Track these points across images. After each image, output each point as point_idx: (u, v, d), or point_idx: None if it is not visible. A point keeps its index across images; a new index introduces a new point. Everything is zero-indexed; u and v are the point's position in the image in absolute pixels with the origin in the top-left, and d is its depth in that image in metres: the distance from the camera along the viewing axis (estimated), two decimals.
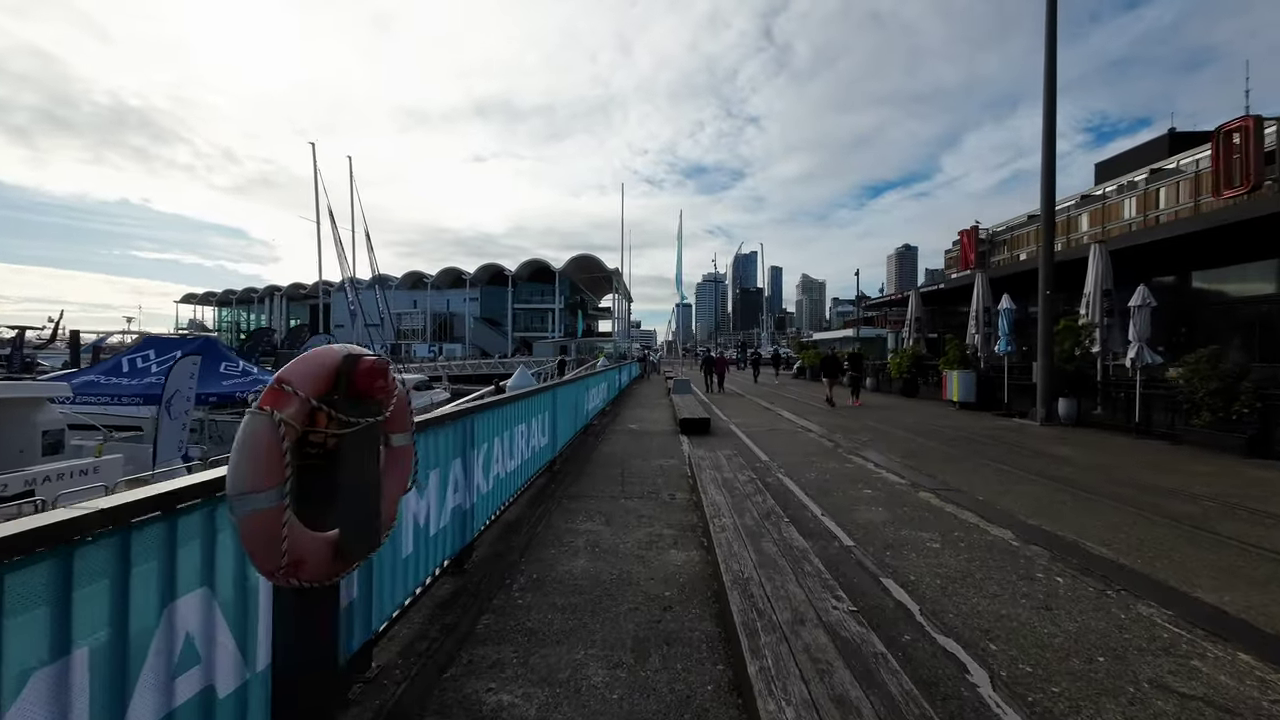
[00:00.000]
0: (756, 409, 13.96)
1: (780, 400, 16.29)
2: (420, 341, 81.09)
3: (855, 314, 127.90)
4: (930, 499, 5.35)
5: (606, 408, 13.51)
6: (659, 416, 12.44)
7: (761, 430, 10.13)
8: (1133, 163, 70.93)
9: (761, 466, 6.90)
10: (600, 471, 6.67)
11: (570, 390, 7.84)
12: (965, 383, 13.57)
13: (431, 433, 3.13)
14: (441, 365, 55.40)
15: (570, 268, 76.50)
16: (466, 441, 3.67)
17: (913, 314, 21.24)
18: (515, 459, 4.88)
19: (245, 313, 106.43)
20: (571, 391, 7.94)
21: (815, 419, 11.71)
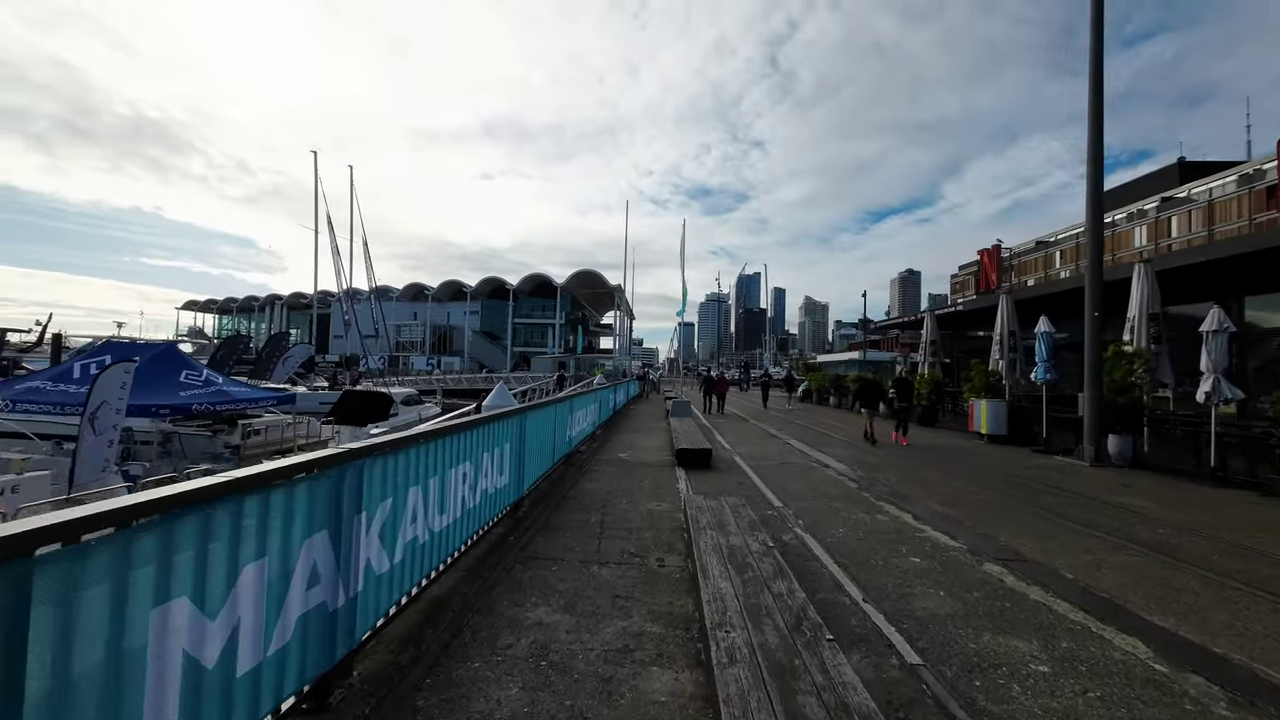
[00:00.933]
0: (763, 436, 12.65)
1: (790, 427, 14.97)
2: (419, 354, 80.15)
3: (859, 337, 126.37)
4: (1003, 576, 4.03)
5: (597, 431, 12.23)
6: (654, 443, 11.13)
7: (771, 465, 8.81)
8: (1141, 192, 70.41)
9: (775, 518, 5.59)
10: (575, 518, 5.37)
11: (546, 415, 6.58)
12: (996, 413, 12.25)
13: (257, 499, 1.88)
14: (436, 379, 54.20)
15: (572, 283, 75.76)
16: (345, 503, 2.41)
17: (928, 337, 20.02)
18: (450, 513, 3.62)
19: (246, 321, 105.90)
20: (547, 416, 6.68)
21: (831, 451, 10.39)
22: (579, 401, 9.36)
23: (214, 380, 13.77)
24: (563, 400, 7.72)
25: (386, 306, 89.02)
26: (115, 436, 9.83)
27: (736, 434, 12.98)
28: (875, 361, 39.18)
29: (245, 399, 13.93)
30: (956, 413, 16.65)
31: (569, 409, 8.23)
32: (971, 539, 4.92)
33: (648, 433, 12.98)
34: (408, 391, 30.13)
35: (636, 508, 5.82)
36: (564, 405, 7.86)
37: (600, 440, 11.31)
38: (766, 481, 7.36)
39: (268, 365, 20.62)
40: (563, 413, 7.75)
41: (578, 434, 9.35)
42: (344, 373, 41.84)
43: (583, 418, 9.83)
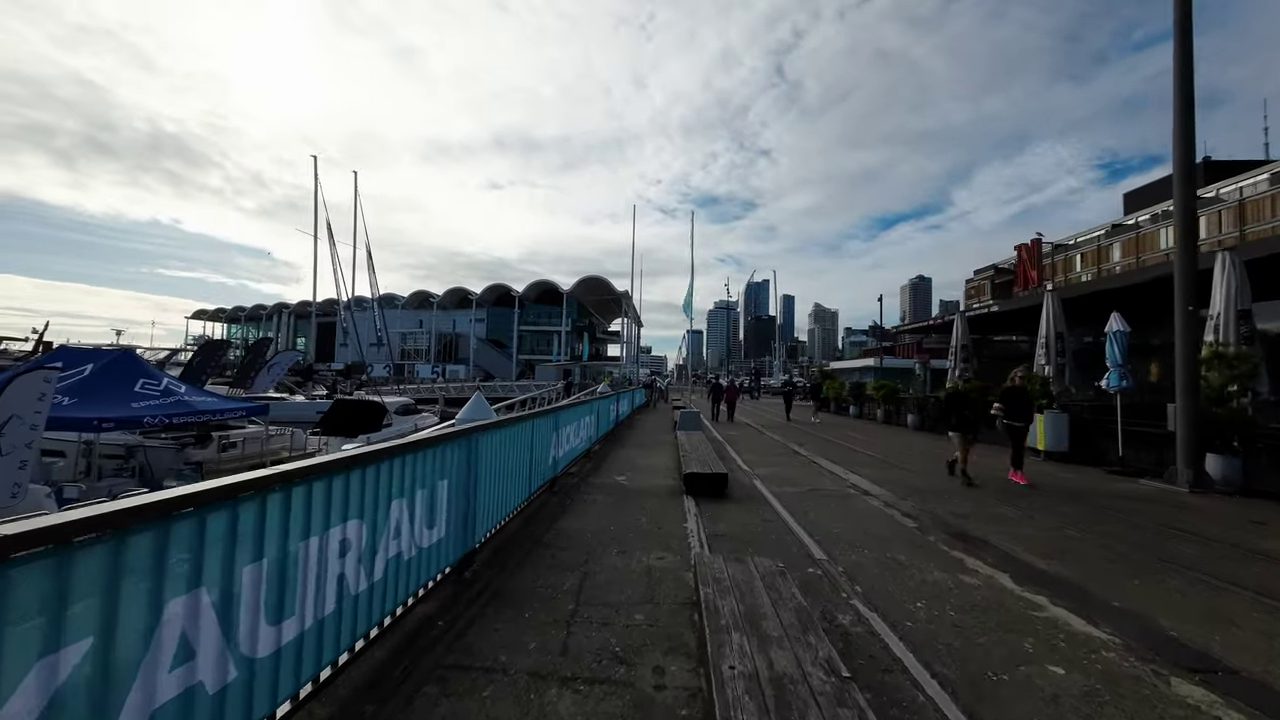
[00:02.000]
0: (784, 453, 11.07)
1: (813, 442, 13.35)
2: (425, 362, 79.40)
3: (871, 343, 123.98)
4: (1222, 712, 2.47)
5: (595, 446, 10.73)
6: (659, 462, 9.60)
7: (799, 492, 7.24)
8: (1166, 192, 68.01)
9: (820, 581, 4.03)
10: (543, 581, 3.86)
11: (515, 436, 5.08)
12: (1056, 427, 10.58)
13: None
14: (439, 387, 53.13)
15: (579, 289, 74.66)
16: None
17: (958, 341, 18.36)
18: (312, 609, 2.15)
19: (255, 330, 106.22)
20: (518, 437, 5.19)
21: (865, 472, 8.80)
22: (568, 415, 7.87)
23: (174, 390, 12.40)
24: (543, 415, 6.23)
25: (392, 314, 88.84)
26: (29, 456, 8.48)
27: (753, 449, 11.40)
28: (893, 369, 37.39)
29: (209, 410, 12.51)
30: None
31: (553, 425, 6.74)
32: (1119, 623, 3.34)
33: (652, 448, 11.45)
34: (403, 400, 28.80)
35: (630, 561, 4.30)
36: (545, 421, 6.37)
37: (597, 458, 9.80)
38: (798, 517, 5.80)
39: (248, 373, 19.39)
40: (544, 430, 6.26)
41: (568, 453, 7.86)
42: (344, 381, 40.81)
43: (574, 433, 8.34)
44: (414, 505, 3.09)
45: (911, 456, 10.94)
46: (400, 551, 2.93)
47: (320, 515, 2.26)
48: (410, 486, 3.06)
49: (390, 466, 2.84)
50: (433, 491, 3.36)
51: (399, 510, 2.93)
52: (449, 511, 3.55)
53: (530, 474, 5.67)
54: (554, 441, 6.80)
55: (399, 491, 2.92)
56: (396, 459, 2.92)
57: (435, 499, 3.39)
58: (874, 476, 8.41)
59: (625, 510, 5.96)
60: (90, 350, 13.64)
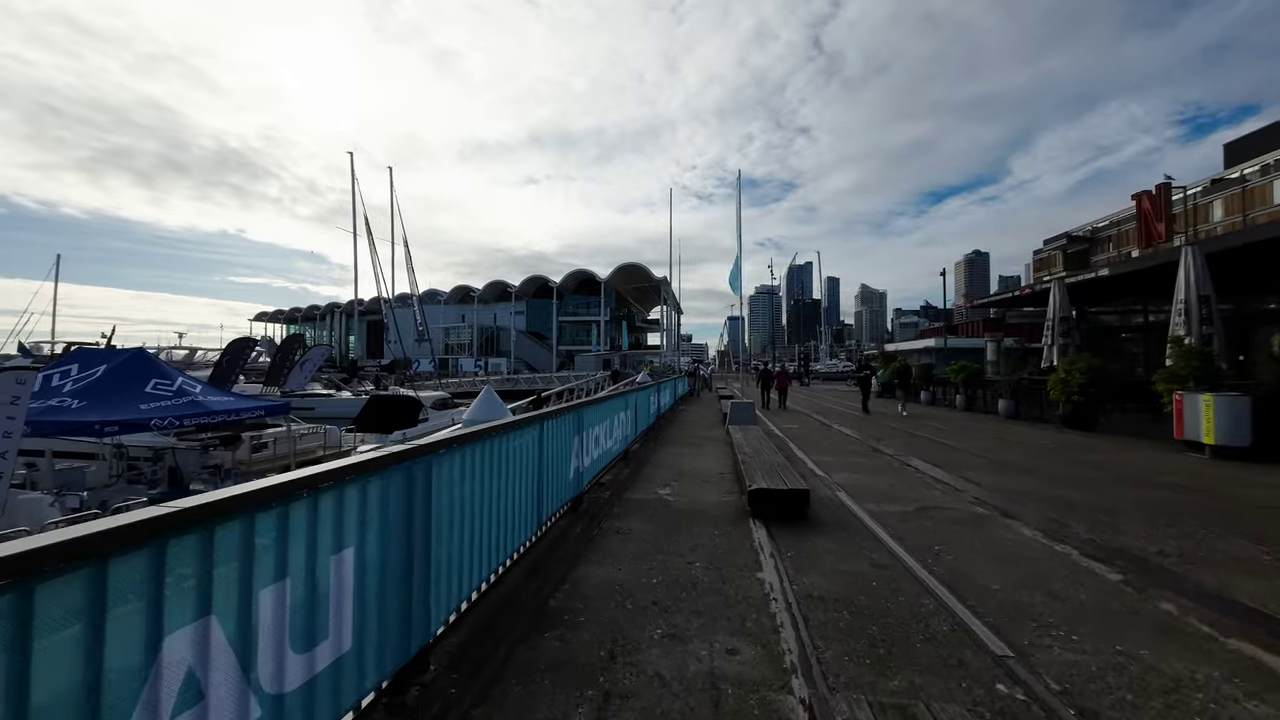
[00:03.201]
0: (862, 451, 9.09)
1: (893, 437, 11.24)
2: (468, 356, 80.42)
3: (923, 324, 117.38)
4: None
5: (633, 446, 9.11)
6: (709, 467, 7.86)
7: (905, 510, 5.35)
8: (1274, 140, 59.48)
9: (1018, 711, 2.23)
10: (537, 717, 2.25)
11: (511, 450, 3.47)
12: (1231, 414, 8.10)
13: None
14: (480, 381, 53.15)
15: (616, 278, 73.25)
16: None
17: (1056, 312, 15.64)
18: None
19: (311, 329, 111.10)
20: (514, 453, 3.57)
21: (984, 478, 6.77)
22: (596, 413, 6.24)
23: (189, 390, 11.54)
24: (556, 416, 4.59)
25: (435, 310, 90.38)
26: (8, 467, 7.63)
27: (824, 447, 9.47)
28: (958, 349, 33.95)
29: (223, 410, 11.60)
30: (1128, 412, 12.38)
31: (573, 427, 5.12)
32: None
33: (699, 447, 9.72)
34: (439, 395, 28.22)
35: (683, 662, 2.61)
36: (562, 423, 4.75)
37: (636, 461, 8.16)
38: (925, 559, 3.96)
39: (280, 371, 18.91)
40: (559, 436, 4.65)
41: (598, 460, 6.26)
42: (388, 376, 41.05)
43: (605, 435, 6.73)
44: (297, 601, 1.53)
45: (1032, 454, 8.73)
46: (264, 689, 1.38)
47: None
48: (279, 571, 1.50)
49: (214, 543, 1.29)
50: (343, 573, 1.80)
51: (266, 618, 1.37)
52: (364, 603, 1.99)
53: (540, 500, 4.09)
54: (576, 449, 5.20)
55: (228, 599, 1.36)
56: (230, 522, 1.36)
57: (351, 586, 1.83)
58: (1000, 487, 6.38)
59: (671, 546, 4.29)
60: (106, 351, 13.25)
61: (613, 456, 7.37)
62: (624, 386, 11.85)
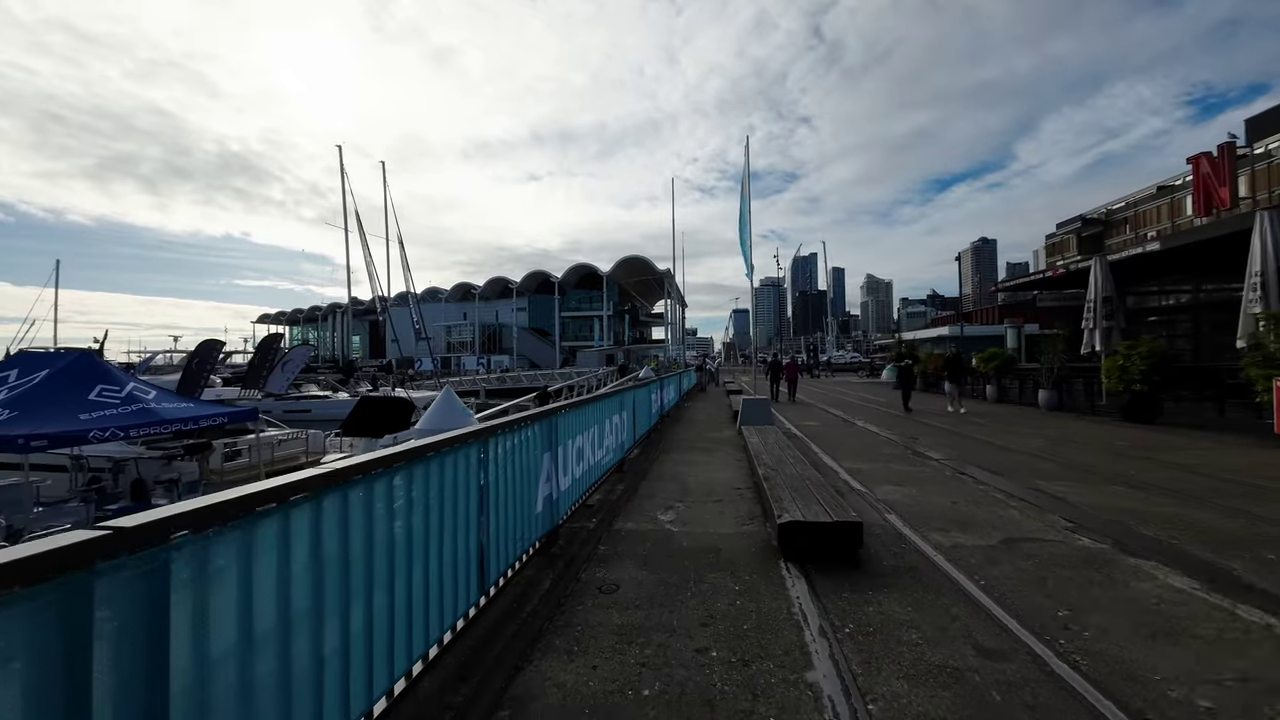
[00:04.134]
0: (900, 455, 7.72)
1: (928, 435, 9.86)
2: (470, 354, 79.45)
3: (931, 313, 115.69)
4: None
5: (631, 453, 7.78)
6: (720, 479, 6.52)
7: (987, 545, 4.00)
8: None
9: None
10: None
11: (438, 478, 2.15)
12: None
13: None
14: (481, 379, 52.03)
15: (619, 271, 71.84)
16: None
17: (1099, 293, 14.15)
18: None
19: (314, 330, 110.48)
20: (452, 481, 2.25)
21: (1073, 493, 5.39)
22: (577, 420, 4.90)
23: (140, 396, 10.23)
24: (516, 426, 3.26)
25: (436, 308, 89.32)
26: None
27: (853, 450, 8.11)
28: (976, 337, 32.36)
29: (178, 418, 10.31)
30: (1203, 400, 10.91)
31: (542, 441, 3.80)
32: None
33: (708, 452, 8.38)
34: (432, 395, 27.10)
35: None
36: (523, 436, 3.43)
37: (633, 473, 6.84)
38: (1050, 635, 2.61)
39: (259, 373, 17.74)
40: (521, 456, 3.33)
41: (579, 480, 4.95)
42: (386, 376, 39.98)
43: (592, 446, 5.41)
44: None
45: (1105, 456, 7.33)
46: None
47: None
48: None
49: None
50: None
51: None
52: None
53: (487, 552, 2.78)
54: (547, 472, 3.88)
55: None
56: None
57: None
58: (1094, 504, 5.00)
59: (673, 617, 2.97)
60: (50, 355, 12.14)
61: (604, 470, 6.06)
62: (621, 384, 10.53)
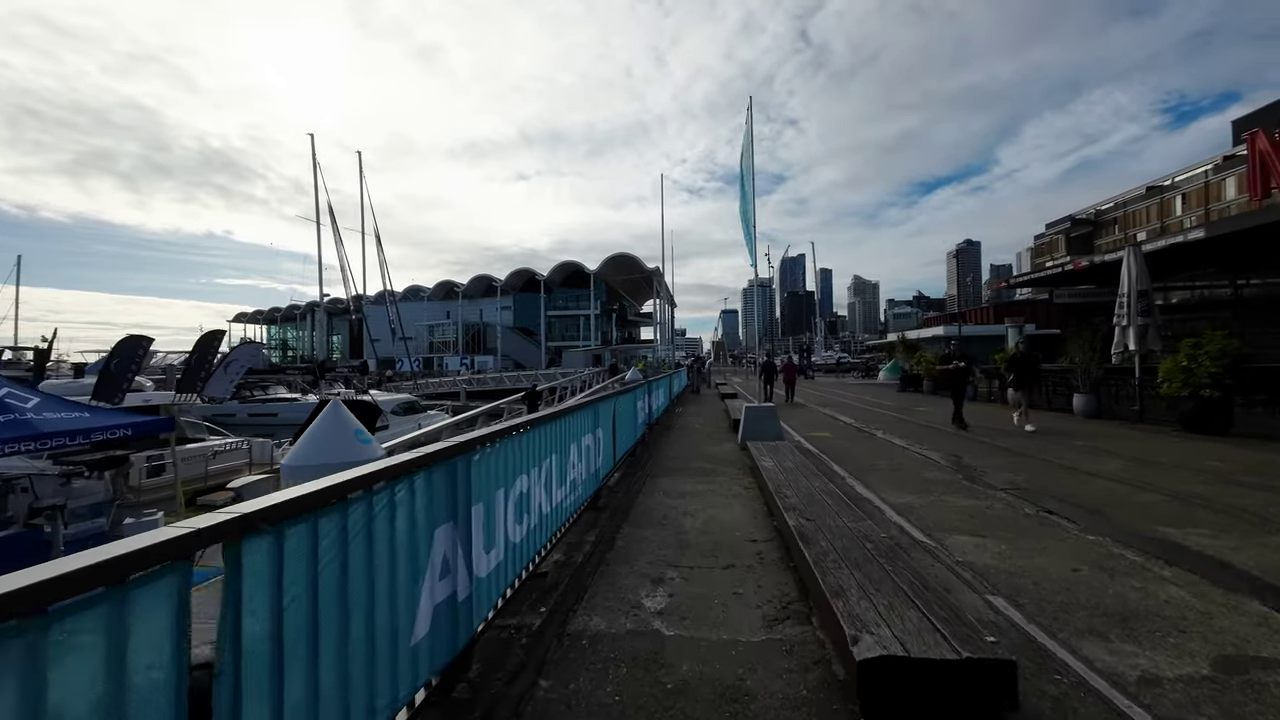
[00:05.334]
0: (952, 482, 6.09)
1: (975, 450, 8.27)
2: (453, 354, 77.11)
3: (918, 314, 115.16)
4: None
5: (610, 479, 6.07)
6: (728, 524, 4.82)
7: (1193, 675, 2.40)
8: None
9: None
10: None
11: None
12: None
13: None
14: (462, 380, 49.90)
15: (607, 269, 70.02)
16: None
17: (1133, 287, 12.75)
18: None
19: (293, 330, 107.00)
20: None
21: (1225, 543, 3.81)
22: (524, 451, 3.22)
23: (14, 405, 8.25)
24: (397, 475, 1.63)
25: (419, 306, 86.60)
26: None
27: (884, 473, 6.48)
28: (976, 337, 31.19)
29: (61, 431, 8.32)
30: (1251, 406, 9.46)
31: (430, 511, 2.12)
32: None
33: (707, 477, 6.70)
34: (403, 398, 25.01)
35: None
36: (401, 503, 1.76)
37: (610, 514, 5.14)
38: None
39: (196, 375, 15.69)
40: (384, 556, 1.66)
41: (523, 545, 3.26)
42: (360, 377, 37.77)
43: (546, 492, 3.72)
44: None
45: (1220, 485, 5.75)
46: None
47: None
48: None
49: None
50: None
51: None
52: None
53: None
54: (439, 565, 2.19)
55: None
56: None
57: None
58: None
59: None
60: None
61: (570, 513, 4.36)
62: (597, 392, 8.82)
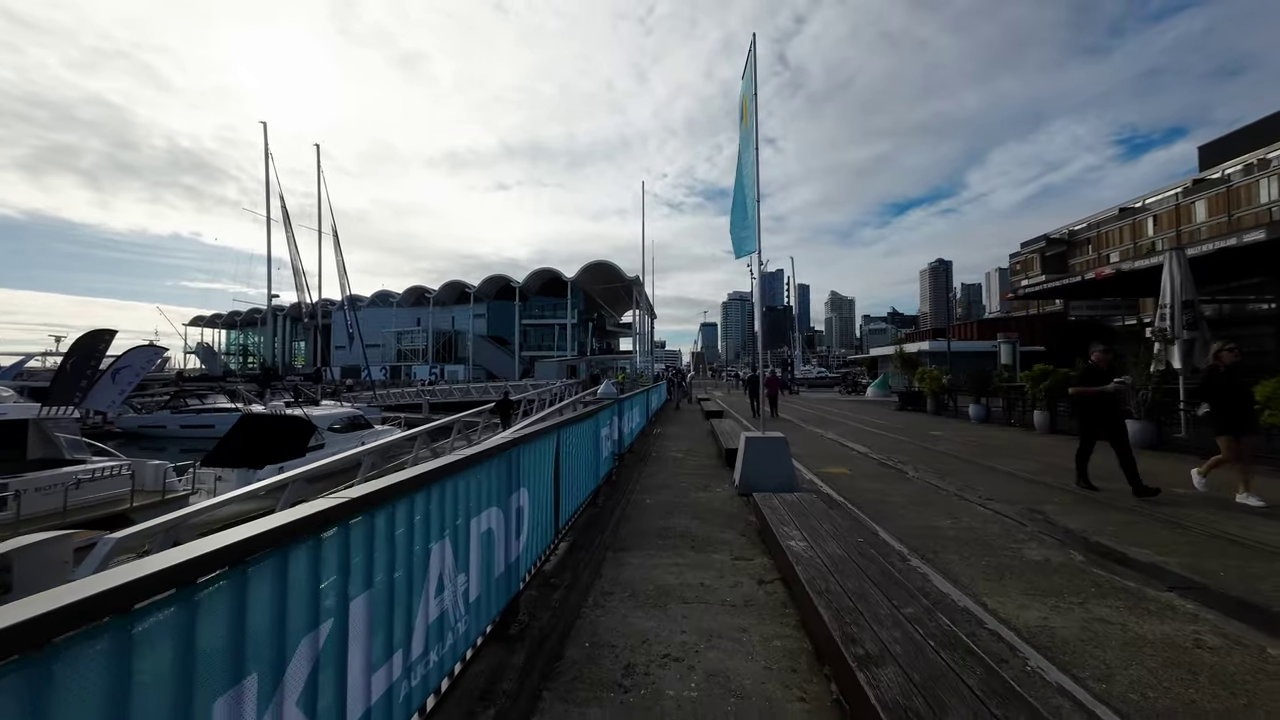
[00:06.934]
0: (1082, 574, 3.94)
1: (1052, 499, 6.17)
2: (422, 362, 73.54)
3: (892, 330, 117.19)
4: None
5: (546, 560, 3.77)
6: (746, 680, 2.56)
7: None
8: (1254, 140, 58.77)
9: None
10: None
11: None
12: None
13: None
14: (425, 391, 46.76)
15: (584, 277, 67.75)
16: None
17: (1176, 295, 11.07)
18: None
19: (254, 334, 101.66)
20: None
21: None
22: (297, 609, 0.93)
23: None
24: None
25: (388, 313, 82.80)
26: None
27: (965, 548, 4.32)
28: (966, 353, 29.83)
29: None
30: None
31: None
32: None
33: (700, 552, 4.43)
34: (346, 412, 22.11)
35: None
36: None
37: (530, 658, 2.83)
38: None
39: (75, 383, 12.82)
40: None
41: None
42: (312, 387, 34.53)
43: (387, 661, 1.42)
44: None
45: None
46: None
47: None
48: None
49: None
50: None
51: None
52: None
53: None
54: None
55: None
56: None
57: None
58: None
59: None
60: None
61: (450, 666, 2.04)
62: (539, 421, 6.50)
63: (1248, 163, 55.56)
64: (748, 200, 7.28)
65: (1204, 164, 65.81)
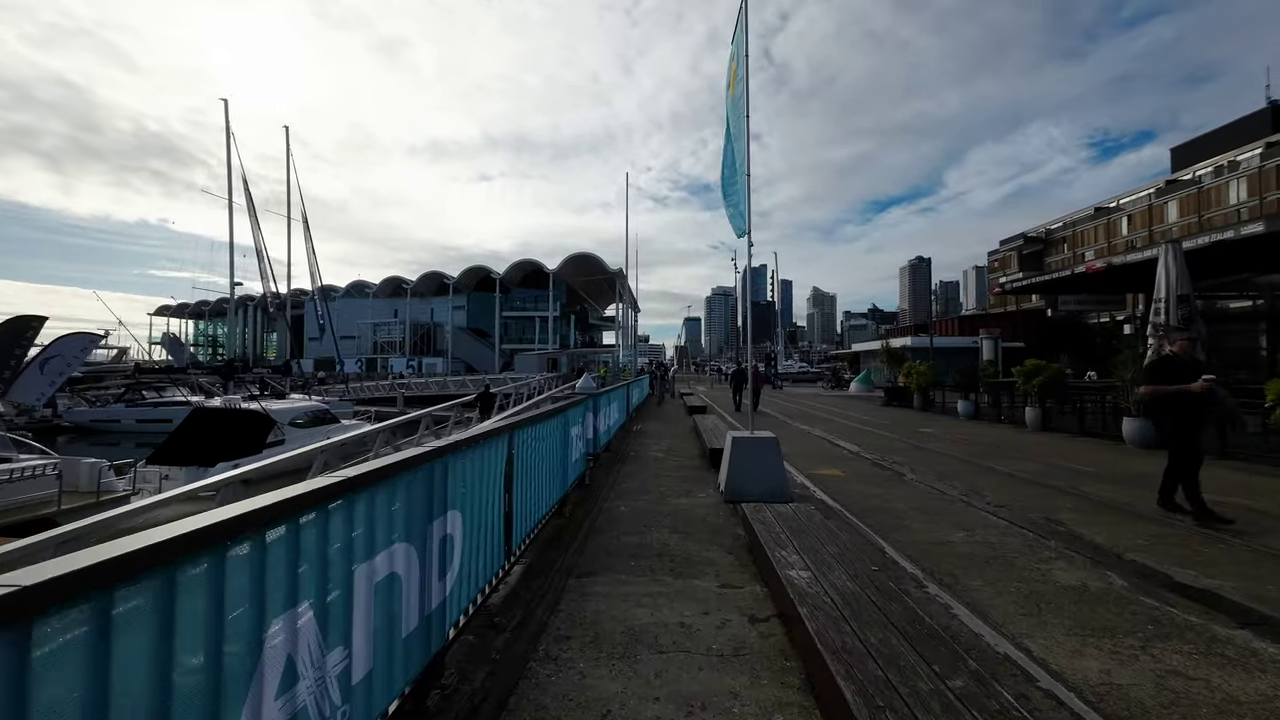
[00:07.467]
0: (1163, 621, 3.38)
1: (1102, 521, 5.63)
2: (399, 355, 71.64)
3: (873, 326, 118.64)
4: None
5: (492, 593, 3.05)
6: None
7: None
8: (1224, 143, 60.20)
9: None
10: None
11: None
12: None
13: None
14: (399, 384, 45.37)
15: (567, 269, 66.57)
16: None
17: (1171, 290, 10.78)
18: None
19: (224, 325, 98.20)
20: None
21: None
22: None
23: None
24: None
25: (364, 303, 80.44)
26: None
27: (987, 573, 3.69)
28: (949, 349, 29.74)
29: None
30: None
31: None
32: None
33: (677, 585, 3.75)
34: (309, 407, 20.95)
35: None
36: None
37: (499, 668, 2.12)
38: None
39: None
40: None
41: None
42: (280, 379, 33.04)
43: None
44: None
45: None
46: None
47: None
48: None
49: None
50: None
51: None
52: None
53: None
54: None
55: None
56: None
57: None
58: None
59: None
60: None
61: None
62: (505, 417, 5.78)
63: (1218, 164, 56.85)
64: (738, 172, 6.59)
65: (1176, 165, 67.30)
